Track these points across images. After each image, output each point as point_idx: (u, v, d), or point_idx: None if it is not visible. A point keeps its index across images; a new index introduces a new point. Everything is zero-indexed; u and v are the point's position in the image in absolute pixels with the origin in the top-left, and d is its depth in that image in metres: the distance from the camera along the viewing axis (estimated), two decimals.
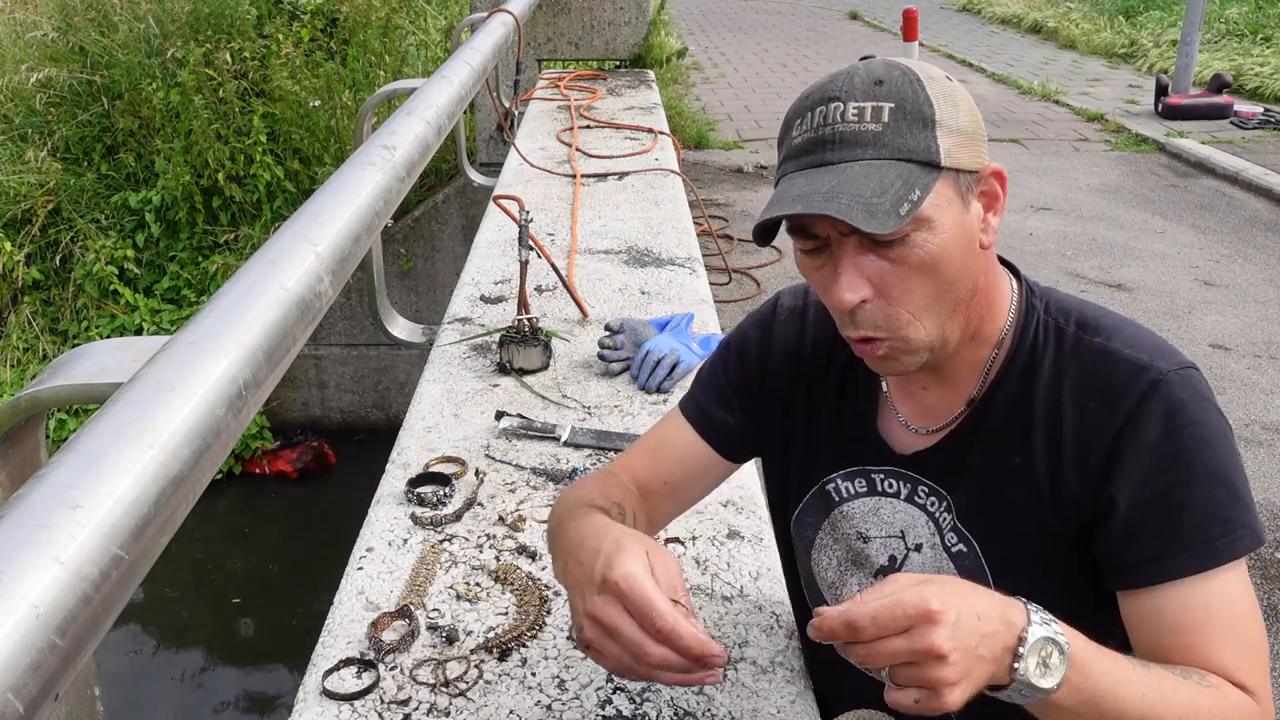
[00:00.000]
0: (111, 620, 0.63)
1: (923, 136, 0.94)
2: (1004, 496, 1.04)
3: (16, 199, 6.18)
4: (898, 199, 0.91)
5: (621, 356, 2.08)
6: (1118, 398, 0.98)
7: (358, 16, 6.76)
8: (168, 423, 0.74)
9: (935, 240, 0.94)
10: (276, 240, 1.11)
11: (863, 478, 1.15)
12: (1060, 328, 1.04)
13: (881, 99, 0.94)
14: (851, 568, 1.17)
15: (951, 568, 1.07)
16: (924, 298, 0.97)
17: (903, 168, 0.93)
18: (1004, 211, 1.01)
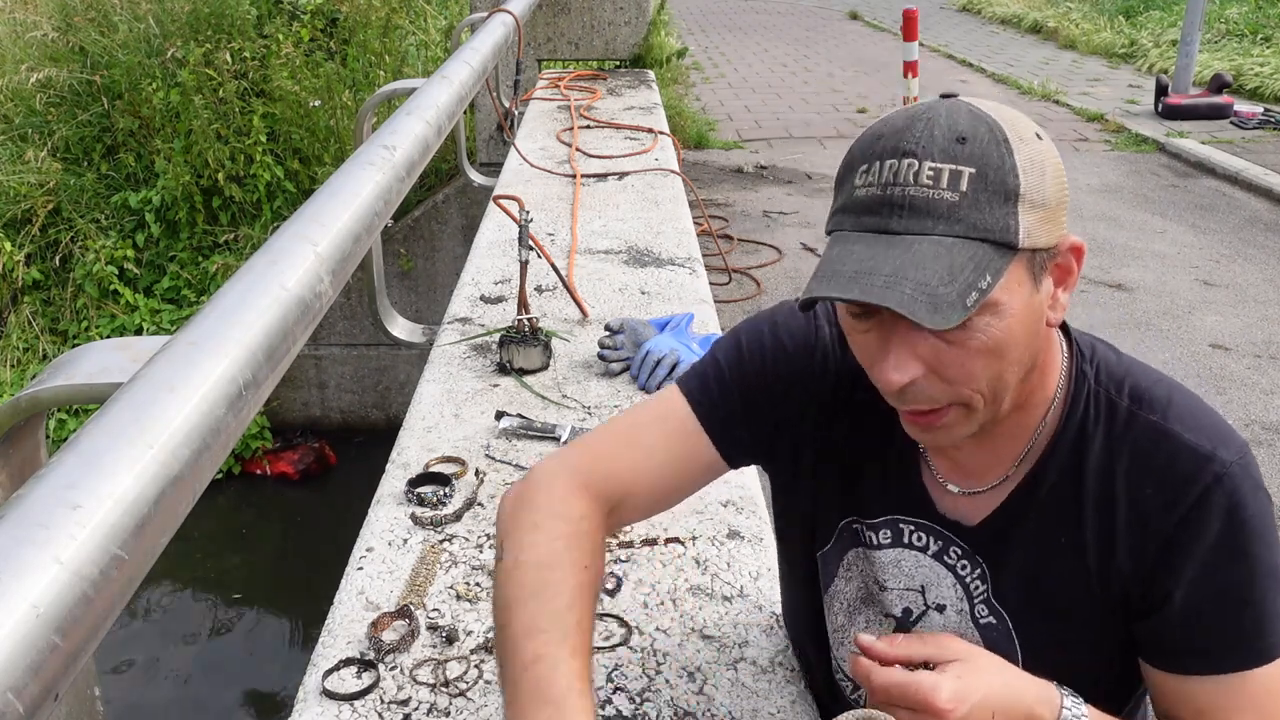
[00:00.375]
0: (111, 620, 0.63)
1: (1002, 213, 0.84)
2: (1047, 571, 1.00)
3: (16, 199, 6.18)
4: (966, 287, 0.82)
5: (621, 356, 2.08)
6: (1180, 487, 0.93)
7: (358, 16, 6.76)
8: (168, 423, 0.74)
9: (1000, 324, 0.86)
10: (276, 240, 1.11)
11: (890, 528, 1.08)
12: (1113, 400, 0.98)
13: (963, 161, 0.84)
14: (861, 606, 1.12)
15: (978, 638, 1.03)
16: (983, 380, 0.89)
17: (976, 249, 0.84)
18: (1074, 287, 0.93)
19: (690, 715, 1.20)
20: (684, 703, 1.22)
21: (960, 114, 0.87)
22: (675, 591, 1.42)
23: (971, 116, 0.87)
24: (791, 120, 9.53)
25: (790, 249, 6.25)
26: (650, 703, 1.22)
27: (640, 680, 1.25)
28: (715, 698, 1.23)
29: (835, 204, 0.91)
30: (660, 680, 1.25)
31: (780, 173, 7.89)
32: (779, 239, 6.40)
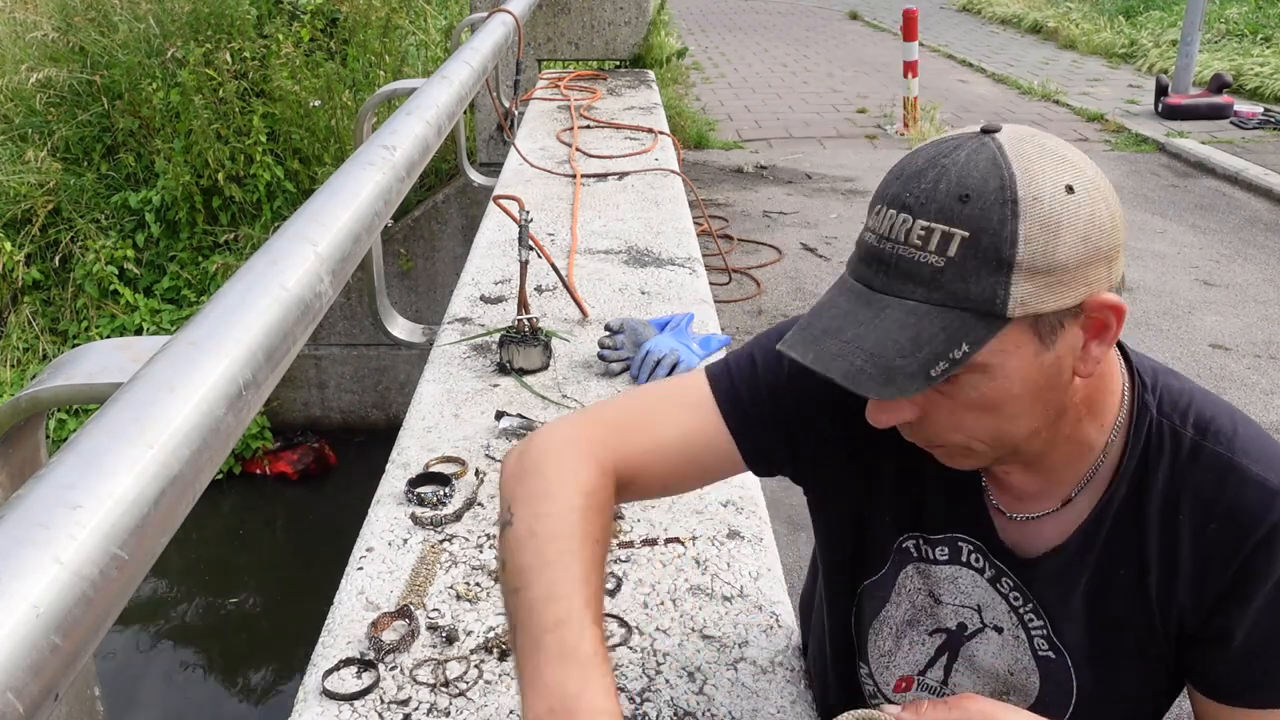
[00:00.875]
0: (112, 620, 0.63)
1: (990, 282, 0.80)
2: (1106, 609, 0.99)
3: (16, 199, 6.18)
4: (933, 358, 0.81)
5: (621, 356, 2.08)
6: (1246, 525, 0.91)
7: (358, 16, 6.76)
8: (168, 423, 0.74)
9: (990, 385, 0.84)
10: (276, 240, 1.11)
11: (948, 545, 1.05)
12: (1177, 431, 0.95)
13: (958, 224, 0.80)
14: (907, 629, 1.09)
15: (1033, 664, 1.03)
16: (979, 432, 0.88)
17: (952, 317, 0.81)
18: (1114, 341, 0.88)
19: (690, 715, 1.20)
20: (684, 703, 1.22)
21: (978, 163, 0.82)
22: (675, 591, 1.42)
23: (990, 167, 0.81)
24: (791, 120, 9.53)
25: (790, 249, 6.25)
26: (650, 703, 1.22)
27: (640, 680, 1.25)
28: (715, 698, 1.23)
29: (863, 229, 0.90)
30: (660, 680, 1.25)
31: (780, 173, 7.89)
32: (779, 239, 6.40)
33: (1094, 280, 0.82)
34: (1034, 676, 1.04)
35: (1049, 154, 0.83)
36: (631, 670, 1.27)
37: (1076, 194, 0.81)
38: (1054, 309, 0.82)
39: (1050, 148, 0.84)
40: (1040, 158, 0.82)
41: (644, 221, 3.07)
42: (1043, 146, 0.83)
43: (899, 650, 1.10)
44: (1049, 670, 1.02)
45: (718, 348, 2.18)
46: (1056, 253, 0.80)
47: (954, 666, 1.07)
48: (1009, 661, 1.04)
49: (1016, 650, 1.04)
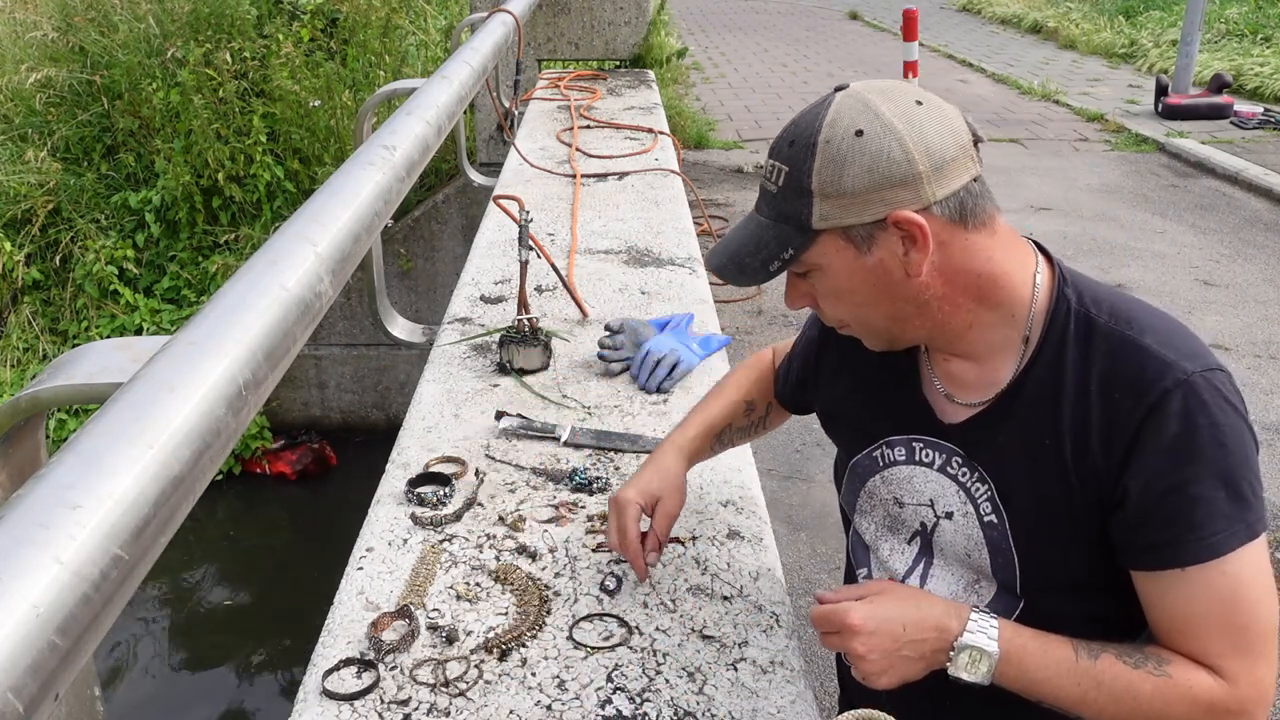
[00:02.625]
0: (112, 620, 0.63)
1: (799, 204, 1.07)
2: (1033, 474, 1.11)
3: (16, 199, 6.18)
4: (769, 257, 1.09)
5: (621, 356, 2.07)
6: (1143, 391, 1.04)
7: (358, 16, 6.76)
8: (168, 423, 0.74)
9: (826, 280, 1.11)
10: (276, 240, 1.11)
11: (904, 446, 1.23)
12: (1092, 317, 1.10)
13: (783, 161, 1.08)
14: (887, 533, 1.27)
15: (981, 536, 1.16)
16: (846, 314, 1.14)
17: (781, 229, 1.09)
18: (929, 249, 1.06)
19: (690, 715, 1.20)
20: (684, 703, 1.22)
21: (808, 116, 1.08)
22: (675, 591, 1.42)
23: (813, 118, 1.07)
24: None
25: None
26: (650, 703, 1.22)
27: (640, 680, 1.25)
28: (715, 698, 1.23)
29: None
30: (660, 680, 1.25)
31: None
32: None
33: (895, 201, 1.04)
34: (984, 551, 1.16)
35: (863, 105, 1.05)
36: (631, 670, 1.27)
37: (865, 136, 1.04)
38: (856, 223, 1.06)
39: (870, 101, 1.05)
40: (851, 109, 1.06)
41: (644, 221, 3.06)
42: (865, 100, 1.06)
43: (880, 552, 1.28)
44: (992, 539, 1.15)
45: (718, 348, 2.18)
46: (843, 181, 1.04)
47: (930, 572, 1.22)
48: (964, 543, 1.18)
49: (967, 527, 1.18)
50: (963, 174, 1.06)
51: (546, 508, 1.62)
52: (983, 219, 1.09)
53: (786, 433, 4.38)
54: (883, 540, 1.27)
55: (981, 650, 1.05)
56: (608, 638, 1.33)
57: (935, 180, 1.04)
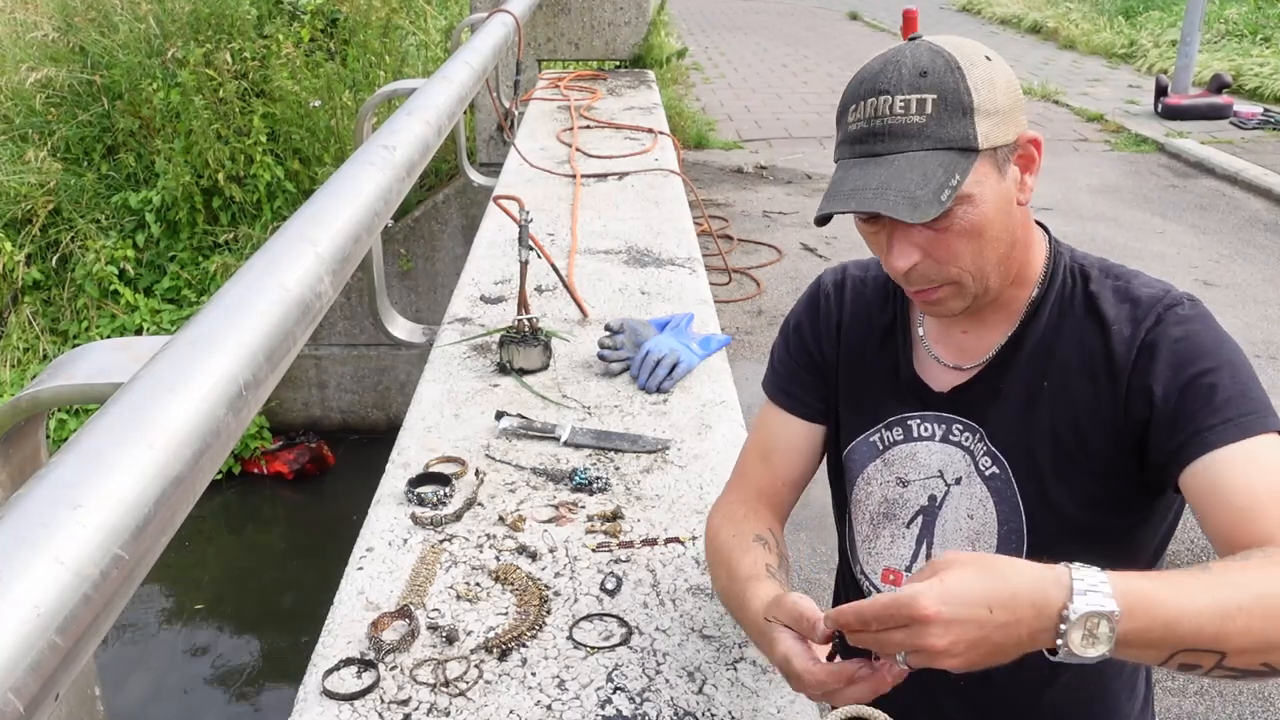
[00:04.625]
0: (112, 620, 0.63)
1: (962, 125, 1.04)
2: (1032, 417, 1.15)
3: (16, 199, 6.18)
4: (939, 187, 1.03)
5: (621, 356, 2.07)
6: (1141, 317, 1.10)
7: (358, 17, 6.76)
8: (168, 423, 0.74)
9: (975, 211, 1.06)
10: (276, 240, 1.11)
11: (900, 426, 1.25)
12: (1086, 271, 1.17)
13: (925, 90, 1.05)
14: (884, 520, 1.27)
15: (985, 490, 1.18)
16: (968, 258, 1.09)
17: (944, 156, 1.04)
18: (1039, 170, 1.11)
19: (690, 715, 1.20)
20: (684, 703, 1.22)
21: (921, 53, 1.07)
22: (675, 591, 1.42)
23: (931, 53, 1.06)
24: (791, 120, 9.53)
25: (790, 249, 6.25)
26: (650, 703, 1.22)
27: (640, 680, 1.25)
28: (715, 698, 1.23)
29: (837, 138, 1.12)
30: (660, 680, 1.25)
31: (780, 173, 7.90)
32: (779, 239, 6.40)
33: (1020, 123, 1.08)
34: (989, 504, 1.17)
35: (962, 42, 1.10)
36: (631, 670, 1.27)
37: (993, 61, 1.08)
38: (1004, 143, 1.06)
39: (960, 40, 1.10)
40: (959, 44, 1.09)
41: (644, 221, 3.07)
42: (954, 40, 1.09)
43: (878, 539, 1.27)
44: (996, 487, 1.17)
45: (718, 348, 2.18)
46: (997, 99, 1.05)
47: (930, 553, 1.22)
48: (967, 503, 1.19)
49: (970, 487, 1.19)
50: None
51: (546, 508, 1.62)
52: None
53: None
54: (881, 528, 1.27)
55: (1099, 614, 0.83)
56: (608, 638, 1.33)
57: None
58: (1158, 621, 0.85)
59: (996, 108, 1.05)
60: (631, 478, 1.71)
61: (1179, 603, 0.85)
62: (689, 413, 1.92)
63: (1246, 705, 2.98)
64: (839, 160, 1.11)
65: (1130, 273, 1.17)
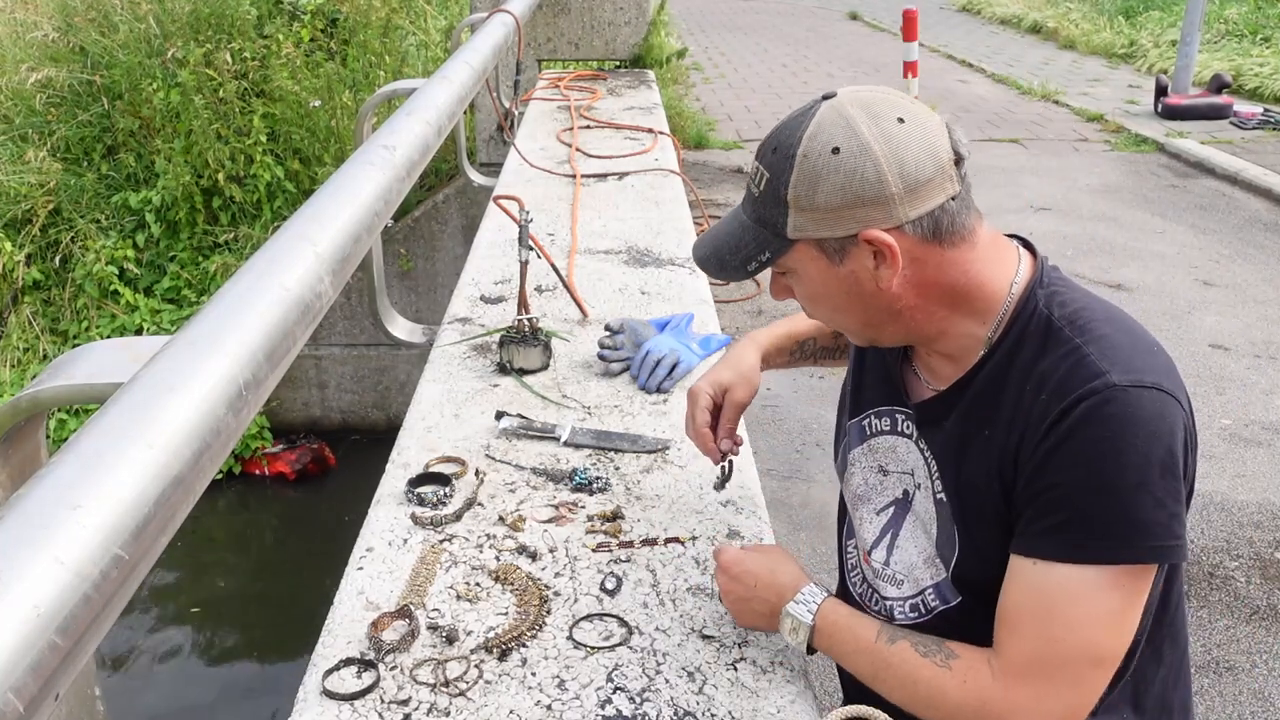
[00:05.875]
0: (112, 620, 0.63)
1: (776, 212, 1.11)
2: (972, 462, 1.15)
3: (16, 199, 6.18)
4: (747, 258, 1.15)
5: (621, 356, 2.07)
6: (1062, 395, 1.05)
7: (358, 17, 6.76)
8: (168, 423, 0.74)
9: (802, 285, 1.16)
10: (276, 240, 1.11)
11: (889, 416, 1.29)
12: (1051, 321, 1.11)
13: (766, 167, 1.12)
14: (859, 501, 1.33)
15: (933, 514, 1.22)
16: (823, 315, 1.21)
17: (760, 232, 1.13)
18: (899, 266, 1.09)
19: (690, 715, 1.20)
20: (684, 703, 1.22)
21: (792, 124, 1.11)
22: (675, 591, 1.42)
23: (795, 126, 1.10)
24: None
25: None
26: (650, 703, 1.22)
27: (640, 680, 1.25)
28: (715, 698, 1.23)
29: None
30: (660, 680, 1.25)
31: None
32: None
33: (866, 219, 1.07)
34: (934, 525, 1.21)
35: (844, 121, 1.07)
36: (631, 670, 1.27)
37: (841, 154, 1.06)
38: (829, 236, 1.09)
39: (852, 116, 1.07)
40: (832, 124, 1.08)
41: (644, 221, 3.07)
42: (846, 115, 1.08)
43: (855, 517, 1.35)
44: (941, 516, 1.20)
45: (718, 348, 2.18)
46: (816, 197, 1.08)
47: (895, 543, 1.27)
48: (926, 516, 1.23)
49: (927, 501, 1.23)
50: (938, 194, 1.08)
51: (546, 508, 1.62)
52: (961, 234, 1.10)
53: (786, 433, 4.38)
54: (856, 507, 1.34)
55: (799, 620, 1.20)
56: (608, 638, 1.33)
57: (908, 201, 1.07)
58: (833, 651, 1.20)
59: (814, 205, 1.08)
60: (631, 478, 1.71)
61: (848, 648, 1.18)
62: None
63: (1246, 705, 2.98)
64: None
65: (1098, 329, 1.09)
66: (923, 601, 1.24)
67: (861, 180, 1.06)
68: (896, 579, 1.27)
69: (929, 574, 1.22)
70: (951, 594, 1.20)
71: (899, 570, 1.26)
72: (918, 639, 1.14)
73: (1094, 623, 1.03)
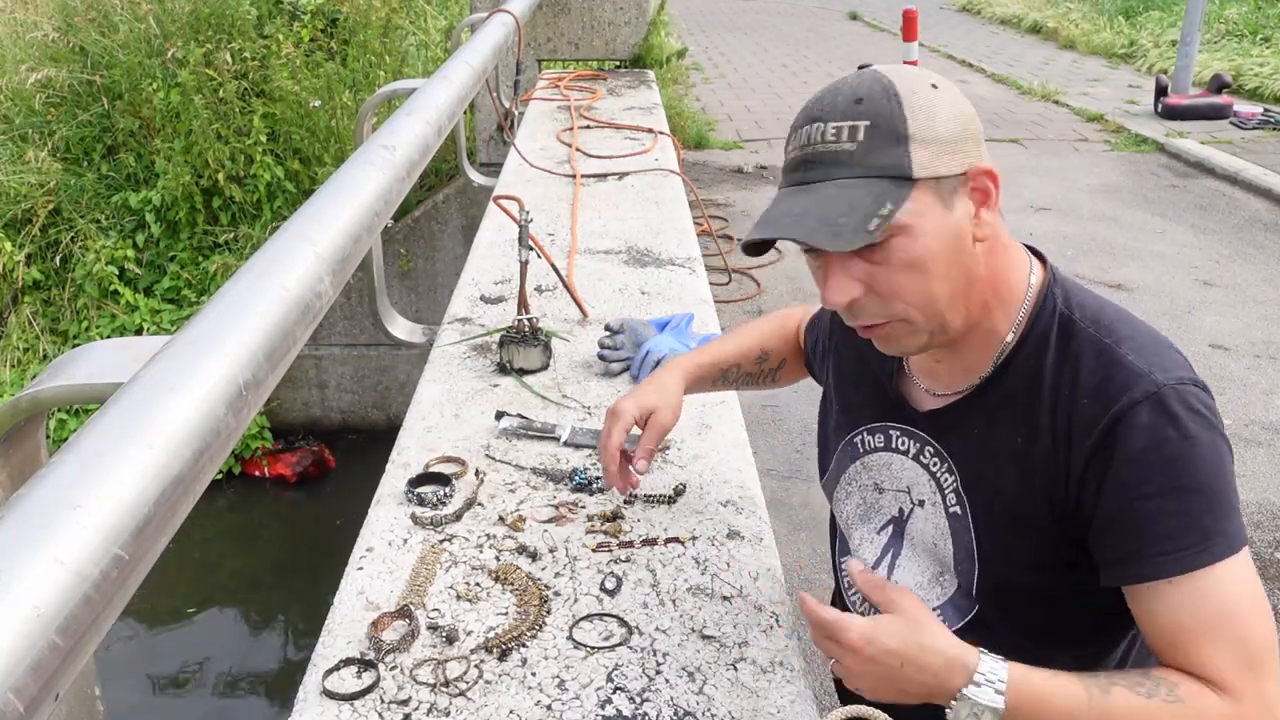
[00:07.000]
0: (112, 620, 0.63)
1: (896, 152, 1.01)
2: (1000, 470, 1.11)
3: (16, 199, 6.18)
4: (867, 216, 1.00)
5: (621, 356, 2.08)
6: (1110, 399, 1.03)
7: (358, 17, 6.76)
8: (168, 423, 0.74)
9: (915, 245, 1.02)
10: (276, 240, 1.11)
11: (882, 433, 1.25)
12: (1074, 322, 1.09)
13: (859, 118, 1.02)
14: (858, 521, 1.28)
15: (947, 527, 1.16)
16: (913, 293, 1.05)
17: (874, 185, 1.01)
18: (998, 206, 1.07)
19: (690, 715, 1.20)
20: (684, 703, 1.22)
21: (863, 79, 1.04)
22: (675, 591, 1.42)
23: (871, 79, 1.04)
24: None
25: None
26: (650, 703, 1.22)
27: (640, 680, 1.25)
28: (715, 698, 1.23)
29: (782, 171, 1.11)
30: (660, 680, 1.25)
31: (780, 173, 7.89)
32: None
33: (971, 154, 1.04)
34: (948, 543, 1.16)
35: (911, 70, 1.07)
36: (631, 670, 1.27)
37: (939, 89, 1.04)
38: (947, 173, 1.02)
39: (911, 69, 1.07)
40: (906, 72, 1.06)
41: (644, 221, 3.07)
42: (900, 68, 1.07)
43: (853, 538, 1.30)
44: (956, 531, 1.15)
45: None
46: (936, 129, 1.02)
47: (897, 562, 1.23)
48: (933, 532, 1.18)
49: (935, 516, 1.18)
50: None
51: (546, 508, 1.62)
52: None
53: (786, 433, 4.38)
54: (854, 528, 1.29)
55: (984, 705, 0.97)
56: (608, 638, 1.33)
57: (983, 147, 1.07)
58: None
59: (936, 136, 1.02)
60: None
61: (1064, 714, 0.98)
62: (689, 412, 1.92)
63: None
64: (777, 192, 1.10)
65: (1122, 329, 1.08)
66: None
67: (965, 112, 1.05)
68: None
69: (935, 593, 1.19)
70: (965, 608, 1.15)
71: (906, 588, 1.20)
72: (1127, 679, 1.00)
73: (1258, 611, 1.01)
